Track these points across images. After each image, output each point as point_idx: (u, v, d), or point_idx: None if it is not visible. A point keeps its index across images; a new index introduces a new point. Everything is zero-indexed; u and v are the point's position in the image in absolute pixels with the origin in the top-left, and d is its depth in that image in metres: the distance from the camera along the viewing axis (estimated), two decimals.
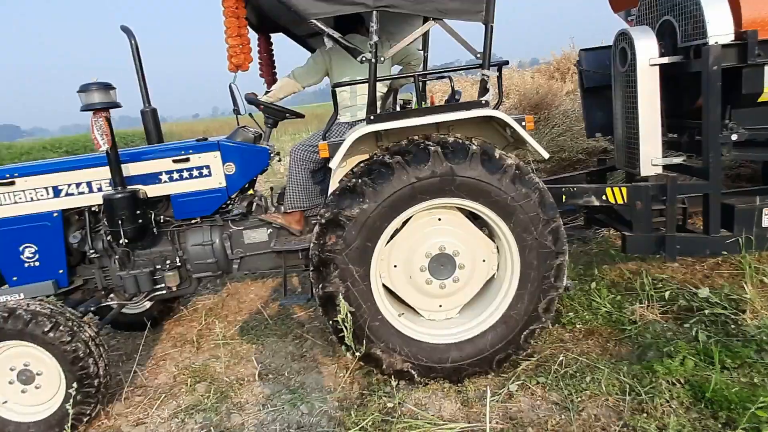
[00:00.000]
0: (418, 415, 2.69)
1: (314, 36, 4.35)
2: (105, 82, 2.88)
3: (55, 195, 3.18)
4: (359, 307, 2.78)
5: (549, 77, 9.09)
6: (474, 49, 2.85)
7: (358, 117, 3.36)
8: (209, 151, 3.22)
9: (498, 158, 2.71)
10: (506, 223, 2.78)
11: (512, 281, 2.90)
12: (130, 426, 2.99)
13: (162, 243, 3.37)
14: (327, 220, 2.72)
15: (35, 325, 2.73)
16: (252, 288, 4.97)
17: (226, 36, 2.75)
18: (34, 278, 3.24)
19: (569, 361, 2.99)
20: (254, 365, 3.46)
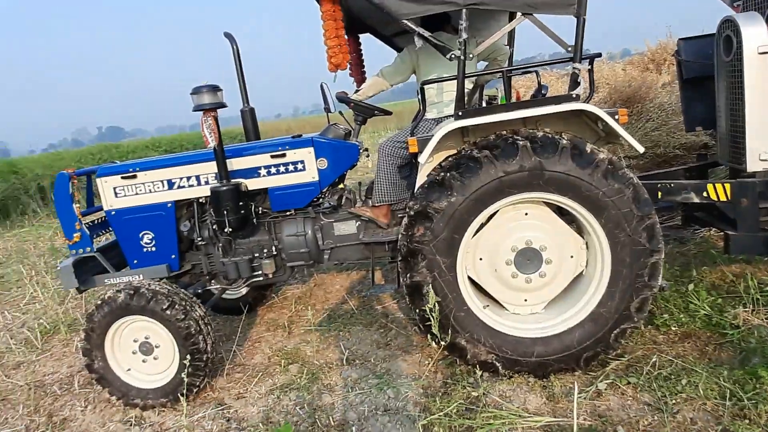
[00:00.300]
0: (503, 406, 2.72)
1: (401, 35, 4.47)
2: (214, 85, 3.12)
3: (169, 187, 3.52)
4: (445, 297, 2.85)
5: (643, 69, 8.58)
6: (564, 42, 2.82)
7: (445, 113, 3.43)
8: (304, 147, 3.42)
9: (589, 153, 2.67)
10: (597, 219, 2.74)
11: (602, 278, 2.84)
12: (232, 399, 3.26)
13: (260, 233, 3.63)
14: (415, 212, 2.81)
15: (155, 302, 3.06)
16: (337, 279, 5.19)
17: (325, 38, 2.90)
18: (151, 262, 3.61)
19: (663, 362, 2.89)
20: (342, 351, 3.64)
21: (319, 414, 2.93)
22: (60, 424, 3.26)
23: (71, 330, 4.76)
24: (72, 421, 3.28)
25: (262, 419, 2.98)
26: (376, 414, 2.88)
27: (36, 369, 4.09)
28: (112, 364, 3.22)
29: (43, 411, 3.44)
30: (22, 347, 4.50)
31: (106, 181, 3.53)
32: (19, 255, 7.98)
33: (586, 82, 2.91)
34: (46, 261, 7.32)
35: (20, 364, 4.23)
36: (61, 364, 4.12)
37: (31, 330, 4.82)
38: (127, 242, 3.62)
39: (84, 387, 3.68)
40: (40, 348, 4.46)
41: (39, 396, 3.64)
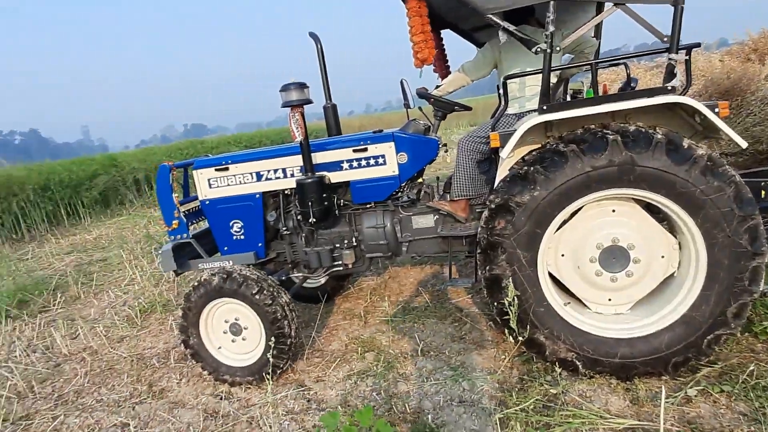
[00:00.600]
0: (583, 406, 2.67)
1: (480, 30, 4.44)
2: (301, 82, 3.26)
3: (258, 179, 3.73)
4: (524, 292, 2.83)
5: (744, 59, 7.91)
6: (659, 32, 2.70)
7: (527, 108, 3.39)
8: (385, 142, 3.49)
9: (686, 148, 2.54)
10: (693, 218, 2.60)
11: (696, 281, 2.71)
12: (312, 382, 3.42)
13: (341, 224, 3.77)
14: (497, 205, 2.81)
15: (246, 287, 3.27)
16: (411, 273, 5.27)
17: (411, 34, 2.95)
18: (240, 249, 3.86)
19: (762, 372, 2.70)
20: (416, 342, 3.71)
21: (395, 401, 3.01)
22: (159, 393, 3.57)
23: (165, 310, 5.17)
24: (169, 391, 3.58)
25: (341, 402, 3.11)
26: (452, 404, 2.91)
27: (137, 343, 4.49)
28: (206, 341, 3.47)
29: (144, 380, 3.79)
30: (125, 323, 4.96)
31: (202, 173, 3.80)
32: (119, 241, 8.74)
33: (682, 74, 2.76)
34: (142, 247, 7.98)
35: (123, 338, 4.67)
36: (158, 340, 4.50)
37: (132, 308, 5.30)
38: (218, 230, 3.88)
39: (179, 362, 4.00)
40: (140, 325, 4.90)
41: (140, 367, 4.01)
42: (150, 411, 3.35)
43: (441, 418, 2.80)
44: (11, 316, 5.54)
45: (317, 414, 3.01)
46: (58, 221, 11.56)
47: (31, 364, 4.32)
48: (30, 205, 10.86)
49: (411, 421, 2.80)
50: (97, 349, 4.48)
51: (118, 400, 3.54)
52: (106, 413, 3.40)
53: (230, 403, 3.28)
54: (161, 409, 3.33)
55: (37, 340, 4.87)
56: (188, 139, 20.03)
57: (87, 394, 3.71)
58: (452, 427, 2.71)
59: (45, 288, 6.36)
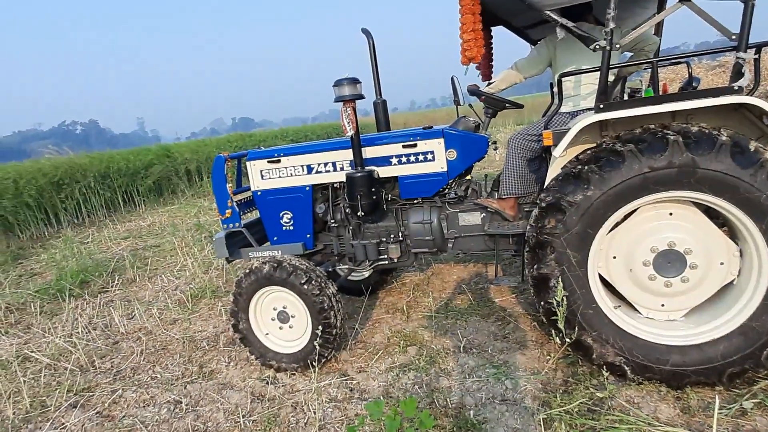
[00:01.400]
0: (630, 412, 2.62)
1: (533, 27, 4.38)
2: (354, 78, 3.29)
3: (308, 172, 3.82)
4: (573, 293, 2.79)
5: None
6: (727, 29, 2.59)
7: (581, 106, 3.33)
8: (434, 138, 3.51)
9: (753, 151, 2.43)
10: (757, 224, 2.50)
11: (758, 290, 2.60)
12: (355, 372, 3.49)
13: (388, 219, 3.81)
14: (548, 204, 2.78)
15: (295, 276, 3.36)
16: (455, 270, 5.26)
17: (462, 31, 2.95)
18: (289, 239, 3.96)
19: None
20: (459, 339, 3.71)
21: (437, 395, 3.03)
22: (209, 374, 3.73)
23: (214, 295, 5.38)
24: (218, 373, 3.74)
25: (383, 393, 3.16)
26: (494, 402, 2.91)
27: (188, 326, 4.69)
28: (254, 327, 3.60)
29: (195, 361, 3.96)
30: (177, 307, 5.19)
31: (255, 165, 3.93)
32: (171, 228, 9.11)
33: (750, 74, 2.65)
34: (193, 235, 8.29)
35: (175, 320, 4.88)
36: (208, 324, 4.69)
37: (183, 293, 5.54)
38: (269, 220, 4.00)
39: (227, 346, 4.16)
40: (191, 308, 5.11)
41: (191, 349, 4.19)
42: (200, 390, 3.50)
43: (483, 414, 2.81)
44: (74, 295, 5.90)
45: (359, 403, 3.07)
46: (116, 208, 12.17)
47: (92, 341, 4.59)
48: (90, 192, 11.48)
49: (453, 415, 2.81)
50: (151, 329, 4.71)
51: (171, 379, 3.72)
52: (160, 390, 3.58)
53: (276, 388, 3.39)
54: (211, 390, 3.48)
55: (97, 318, 5.16)
56: (237, 132, 20.59)
57: (143, 371, 3.92)
58: (494, 424, 2.71)
59: (104, 270, 6.73)
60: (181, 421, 3.16)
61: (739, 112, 2.75)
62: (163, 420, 3.22)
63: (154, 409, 3.36)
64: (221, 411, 3.21)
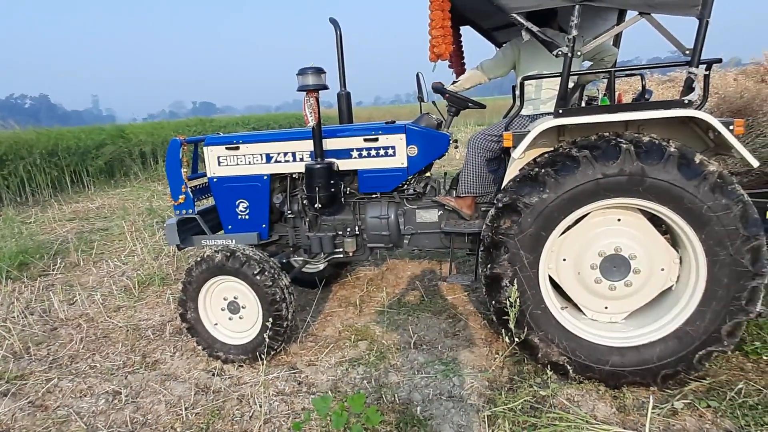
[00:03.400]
0: (570, 410, 2.69)
1: (500, 29, 4.43)
2: (318, 67, 3.24)
3: (267, 161, 3.73)
4: (523, 293, 2.84)
5: (758, 80, 7.89)
6: (682, 44, 2.69)
7: (541, 110, 3.38)
8: (396, 134, 3.50)
9: (698, 163, 2.54)
10: (697, 233, 2.61)
11: (694, 296, 2.72)
12: (304, 365, 3.45)
13: (346, 212, 3.79)
14: (504, 205, 2.81)
15: (248, 267, 3.28)
16: (409, 266, 5.29)
17: (431, 28, 2.94)
18: (244, 229, 3.87)
19: (750, 391, 2.72)
20: (410, 334, 3.73)
21: (385, 390, 3.03)
22: (152, 364, 3.61)
23: (164, 283, 5.21)
24: (162, 363, 3.62)
25: (331, 387, 3.14)
26: (441, 399, 2.94)
27: (133, 314, 4.52)
28: (203, 316, 3.50)
29: (138, 351, 3.82)
30: (122, 293, 4.99)
31: (212, 150, 3.81)
32: (121, 212, 8.77)
33: (700, 89, 2.76)
34: (144, 219, 8.01)
35: (120, 307, 4.70)
36: (155, 313, 4.53)
37: (130, 279, 5.34)
38: (224, 208, 3.90)
39: (174, 335, 4.03)
40: (137, 296, 4.93)
41: (135, 338, 4.04)
42: (142, 381, 3.38)
43: (429, 411, 2.83)
44: (11, 277, 5.59)
45: (307, 397, 3.04)
46: (63, 188, 11.60)
47: (28, 326, 4.36)
48: (36, 170, 10.89)
49: (399, 411, 2.82)
50: (93, 316, 4.51)
51: (111, 368, 3.58)
52: (99, 380, 3.43)
53: (222, 380, 3.31)
54: (153, 380, 3.36)
55: (35, 303, 4.90)
56: (197, 117, 20.03)
57: (81, 360, 3.75)
58: (440, 420, 2.74)
59: (46, 252, 6.40)
60: (119, 413, 3.04)
61: (687, 125, 2.87)
62: (100, 411, 3.08)
63: (91, 399, 3.21)
64: (163, 403, 3.11)
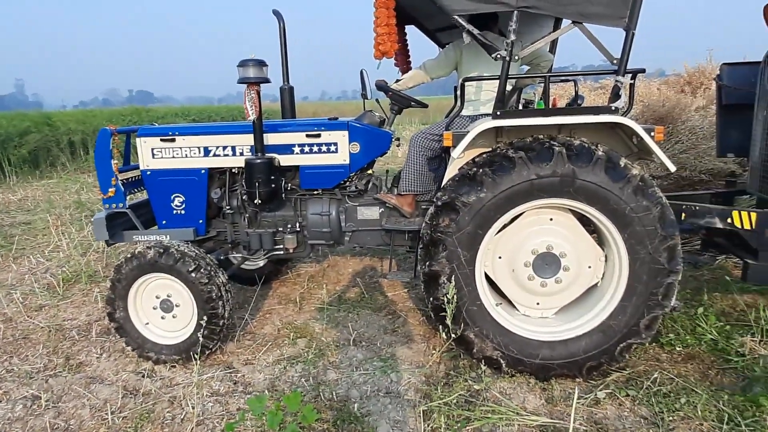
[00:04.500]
0: (502, 403, 2.79)
1: (444, 30, 4.50)
2: (260, 60, 3.17)
3: (205, 154, 3.61)
4: (460, 290, 2.91)
5: (678, 90, 8.50)
6: (611, 54, 2.85)
7: (481, 111, 3.48)
8: (339, 130, 3.49)
9: (623, 167, 2.70)
10: (621, 233, 2.77)
11: (617, 292, 2.89)
12: (240, 364, 3.37)
13: (286, 208, 3.73)
14: (443, 203, 2.87)
15: (182, 264, 3.17)
16: (351, 263, 5.29)
17: (375, 25, 2.94)
18: (179, 224, 3.72)
19: (664, 380, 2.92)
20: (349, 332, 3.73)
21: (323, 388, 3.02)
22: (76, 367, 3.41)
23: (91, 281, 4.93)
24: (87, 365, 3.43)
25: (268, 386, 3.09)
26: (378, 395, 2.96)
27: (56, 314, 4.25)
28: (133, 315, 3.34)
29: (61, 353, 3.60)
30: (45, 292, 4.69)
31: (146, 142, 3.64)
32: (47, 204, 8.22)
33: (626, 96, 2.93)
34: (71, 213, 7.55)
35: (42, 307, 4.41)
36: (80, 312, 4.29)
37: (54, 276, 5.01)
38: (158, 202, 3.74)
39: (101, 336, 3.83)
40: (61, 294, 4.64)
41: (58, 339, 3.81)
42: (64, 385, 3.19)
43: (367, 407, 2.84)
44: None
45: (243, 397, 2.98)
46: None
47: None
48: None
49: (337, 408, 2.82)
50: (12, 316, 4.21)
51: (31, 372, 3.35)
52: (17, 384, 3.21)
53: (152, 381, 3.18)
54: (77, 384, 3.18)
55: None
56: (133, 105, 19.11)
57: None
58: (377, 416, 2.76)
59: None
60: (38, 419, 2.85)
61: (614, 131, 3.03)
62: (17, 418, 2.88)
63: (7, 405, 2.99)
64: (87, 407, 2.94)
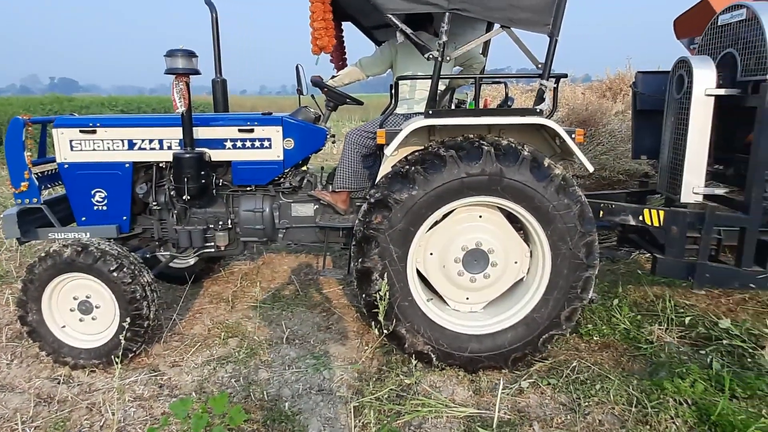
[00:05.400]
0: (432, 396, 2.87)
1: (381, 28, 4.52)
2: (189, 50, 3.05)
3: (130, 147, 3.44)
4: (392, 286, 2.96)
5: (600, 95, 9.05)
6: (536, 59, 2.98)
7: (415, 110, 3.53)
8: (272, 125, 3.43)
9: (546, 166, 2.84)
10: (544, 230, 2.92)
11: (540, 286, 3.04)
12: (167, 366, 3.25)
13: (218, 205, 3.63)
14: (376, 200, 2.90)
15: (103, 262, 3.01)
16: (285, 260, 5.22)
17: (312, 20, 2.92)
18: (101, 221, 3.53)
19: (582, 368, 3.11)
20: (283, 329, 3.69)
21: (254, 388, 2.98)
22: None
23: (2, 282, 4.58)
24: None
25: (196, 388, 3.01)
26: (310, 393, 2.96)
27: None
28: (47, 318, 3.15)
29: None
30: None
31: (63, 133, 3.42)
32: None
33: (550, 99, 3.08)
34: None
35: None
36: None
37: None
38: (77, 198, 3.53)
39: (12, 341, 3.57)
40: None
41: None
42: None
43: (298, 406, 2.83)
44: None
45: (168, 400, 2.87)
46: None
47: None
48: None
49: (268, 408, 2.79)
50: None
51: None
52: None
53: (69, 388, 3.00)
54: None
55: None
56: (54, 94, 17.88)
57: None
58: (308, 414, 2.75)
59: None
60: None
61: (539, 132, 3.18)
62: None
63: None
64: None
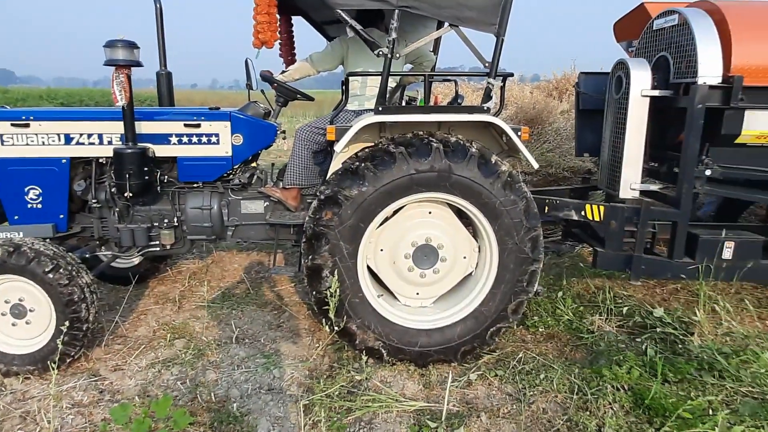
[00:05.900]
0: (382, 391, 2.89)
1: (332, 24, 4.50)
2: (131, 41, 2.95)
3: (66, 142, 3.28)
4: (343, 283, 2.95)
5: (547, 95, 9.36)
6: (484, 58, 3.04)
7: (366, 106, 3.53)
8: (220, 121, 3.35)
9: (493, 163, 2.91)
10: (491, 225, 2.99)
11: (488, 280, 3.11)
12: (109, 371, 3.13)
13: (162, 202, 3.51)
14: (326, 197, 2.89)
15: (37, 263, 2.86)
16: (236, 258, 5.12)
17: (255, 13, 2.87)
18: (35, 219, 3.35)
19: (527, 359, 3.21)
20: (232, 329, 3.62)
21: (201, 389, 2.91)
22: None
23: None
24: None
25: (139, 392, 2.91)
26: (260, 392, 2.92)
27: None
28: None
29: None
30: None
31: None
32: None
33: (497, 98, 3.15)
34: None
35: None
36: None
37: None
38: (8, 195, 3.34)
39: None
40: None
41: None
42: None
43: (247, 406, 2.78)
44: None
45: (109, 406, 2.76)
46: None
47: None
48: None
49: (215, 410, 2.73)
50: None
51: None
52: None
53: (1, 397, 2.84)
54: None
55: None
56: None
57: None
58: (257, 415, 2.71)
59: None
60: None
61: (487, 129, 3.24)
62: None
63: None
64: None
